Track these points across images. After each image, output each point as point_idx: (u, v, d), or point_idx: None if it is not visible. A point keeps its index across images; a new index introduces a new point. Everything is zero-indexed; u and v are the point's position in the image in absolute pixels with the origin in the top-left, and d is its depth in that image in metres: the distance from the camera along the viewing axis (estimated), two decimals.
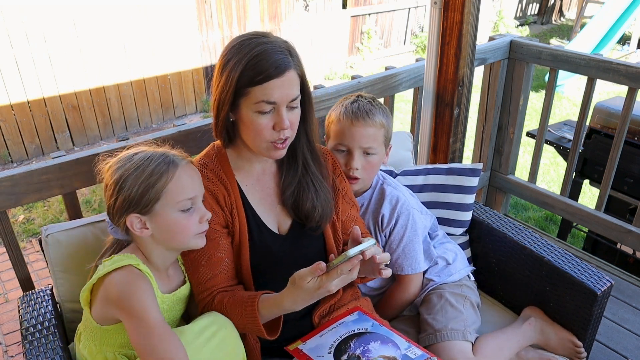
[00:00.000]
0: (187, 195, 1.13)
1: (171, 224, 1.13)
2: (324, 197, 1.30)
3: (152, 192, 1.10)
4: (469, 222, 1.79)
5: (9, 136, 4.80)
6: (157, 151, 1.15)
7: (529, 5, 9.77)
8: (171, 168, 1.12)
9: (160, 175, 1.10)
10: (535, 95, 6.32)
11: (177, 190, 1.12)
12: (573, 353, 1.51)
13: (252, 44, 1.14)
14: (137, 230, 1.12)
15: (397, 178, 1.76)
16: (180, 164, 1.14)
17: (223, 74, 1.16)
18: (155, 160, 1.12)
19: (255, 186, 1.31)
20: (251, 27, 6.27)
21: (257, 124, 1.16)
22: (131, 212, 1.11)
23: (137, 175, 1.10)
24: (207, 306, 1.24)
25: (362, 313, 1.32)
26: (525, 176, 2.77)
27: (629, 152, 2.59)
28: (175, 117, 5.92)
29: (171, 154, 1.15)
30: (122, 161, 1.13)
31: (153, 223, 1.13)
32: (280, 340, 1.31)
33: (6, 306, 2.99)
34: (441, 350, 1.41)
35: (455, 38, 1.93)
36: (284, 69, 1.13)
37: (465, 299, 1.55)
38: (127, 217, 1.11)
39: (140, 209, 1.11)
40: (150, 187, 1.10)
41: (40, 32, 4.69)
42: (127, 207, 1.11)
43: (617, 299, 2.17)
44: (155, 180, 1.10)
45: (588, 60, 2.30)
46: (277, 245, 1.29)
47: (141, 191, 1.09)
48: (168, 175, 1.11)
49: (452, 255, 1.64)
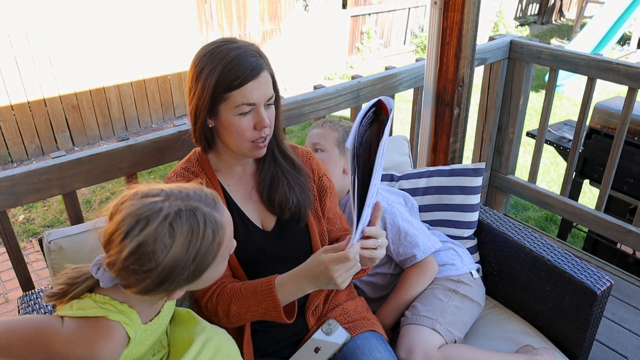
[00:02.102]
0: (232, 247, 0.99)
1: (212, 279, 0.99)
2: (298, 188, 1.33)
3: (205, 267, 0.92)
4: (475, 223, 1.77)
5: (9, 136, 4.80)
6: (191, 207, 0.89)
7: (529, 5, 9.77)
8: (218, 231, 0.92)
9: (212, 249, 0.91)
10: (535, 95, 6.32)
11: (226, 249, 0.96)
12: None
13: (223, 51, 1.17)
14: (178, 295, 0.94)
15: (398, 182, 1.77)
16: (223, 217, 0.94)
17: (198, 82, 1.18)
18: (203, 229, 0.89)
19: (237, 185, 1.33)
20: (251, 27, 6.27)
21: (238, 126, 1.20)
22: (174, 290, 0.91)
23: (188, 255, 0.88)
24: (217, 297, 1.21)
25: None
26: (525, 176, 2.77)
27: (629, 152, 2.59)
28: (175, 117, 5.92)
29: (207, 203, 0.92)
30: (162, 235, 0.86)
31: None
32: (275, 342, 1.32)
33: (6, 306, 2.99)
34: (406, 333, 1.43)
35: (455, 38, 1.94)
36: (259, 71, 1.17)
37: (455, 293, 1.54)
38: (173, 293, 0.92)
39: (189, 284, 0.92)
40: (203, 266, 0.91)
41: (40, 32, 4.69)
42: (167, 288, 0.90)
43: (617, 299, 2.17)
44: (208, 257, 0.91)
45: (588, 60, 2.30)
46: (262, 240, 1.31)
47: (193, 272, 0.90)
48: (217, 241, 0.92)
49: (452, 255, 1.65)
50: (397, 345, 1.42)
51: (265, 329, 1.32)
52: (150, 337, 1.03)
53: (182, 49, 5.62)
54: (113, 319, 0.88)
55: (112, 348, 0.88)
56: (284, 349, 1.32)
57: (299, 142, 4.61)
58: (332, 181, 1.47)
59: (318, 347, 1.27)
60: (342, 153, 1.64)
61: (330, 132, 1.65)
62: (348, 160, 1.01)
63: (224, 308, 1.20)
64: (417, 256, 1.53)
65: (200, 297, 1.25)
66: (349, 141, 0.92)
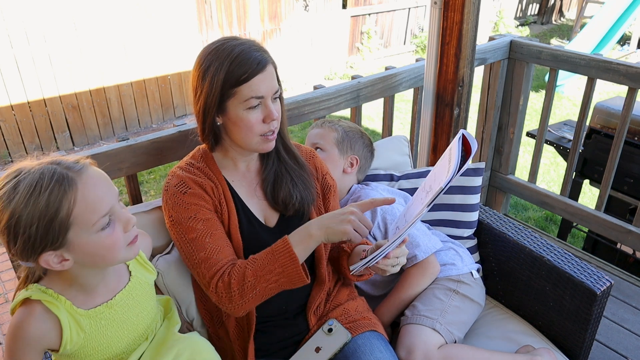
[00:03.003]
0: (101, 212, 0.94)
1: (95, 248, 0.96)
2: (301, 185, 1.34)
3: (57, 225, 0.91)
4: (475, 222, 1.77)
5: (9, 136, 4.80)
6: (44, 167, 0.92)
7: (529, 5, 9.77)
8: (69, 188, 0.91)
9: (59, 202, 0.90)
10: (535, 95, 6.32)
11: (87, 211, 0.93)
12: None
13: (228, 47, 1.18)
14: (57, 265, 0.95)
15: (398, 182, 1.77)
16: (80, 178, 0.93)
17: (205, 80, 1.19)
18: (47, 184, 0.89)
19: (241, 182, 1.34)
20: (251, 27, 6.27)
21: (247, 120, 1.21)
22: (41, 252, 0.92)
23: (31, 211, 0.89)
24: (229, 274, 1.19)
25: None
26: (525, 176, 2.77)
27: (629, 152, 2.60)
28: (175, 117, 5.92)
29: (63, 166, 0.93)
30: (6, 195, 0.90)
31: (72, 253, 0.95)
32: (276, 341, 1.32)
33: (6, 306, 2.99)
34: (406, 333, 1.43)
35: (455, 38, 1.94)
36: (264, 64, 1.19)
37: (455, 293, 1.55)
38: (39, 257, 0.93)
39: (50, 246, 0.92)
40: (52, 221, 0.90)
41: (40, 32, 4.69)
42: (32, 249, 0.92)
43: (617, 299, 2.18)
44: (56, 211, 0.90)
45: (588, 60, 2.30)
46: (265, 235, 1.31)
47: (43, 228, 0.90)
48: (69, 199, 0.90)
49: (452, 255, 1.65)
50: (397, 345, 1.42)
51: (266, 329, 1.32)
52: (113, 327, 1.08)
53: (182, 49, 5.62)
54: (34, 298, 1.00)
55: (37, 325, 0.99)
56: (285, 349, 1.32)
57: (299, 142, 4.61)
58: (334, 180, 1.47)
59: (319, 347, 1.27)
60: (342, 153, 1.65)
61: (329, 132, 1.65)
62: (432, 194, 1.07)
63: (238, 279, 1.16)
64: (418, 256, 1.53)
65: (208, 280, 1.20)
66: (445, 181, 1.01)
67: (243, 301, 1.18)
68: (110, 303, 1.09)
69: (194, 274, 1.27)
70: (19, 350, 1.00)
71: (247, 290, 1.16)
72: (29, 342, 1.00)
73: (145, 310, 1.16)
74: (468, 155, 1.08)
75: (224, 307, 1.20)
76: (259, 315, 1.30)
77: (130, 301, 1.12)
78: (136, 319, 1.14)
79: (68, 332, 1.02)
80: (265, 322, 1.31)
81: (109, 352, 1.09)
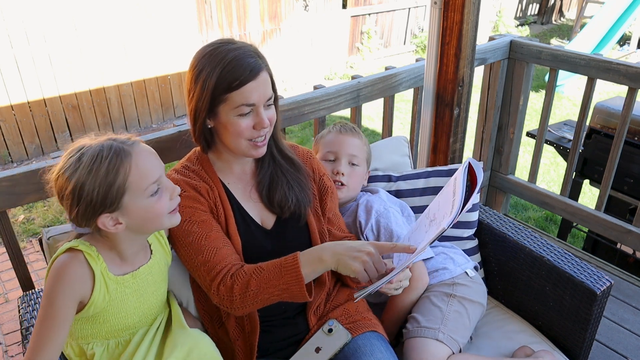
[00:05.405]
0: (152, 179, 1.08)
1: (145, 212, 1.09)
2: (297, 187, 1.34)
3: (115, 190, 1.05)
4: (475, 222, 1.76)
5: (9, 136, 4.80)
6: (103, 142, 1.08)
7: (529, 5, 9.77)
8: (125, 158, 1.06)
9: (117, 170, 1.05)
10: (535, 95, 6.32)
11: (140, 178, 1.07)
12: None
13: (222, 52, 1.18)
14: (112, 228, 1.08)
15: (396, 182, 1.77)
16: (133, 150, 1.08)
17: (197, 83, 1.19)
18: (107, 156, 1.05)
19: (237, 184, 1.34)
20: (251, 27, 6.27)
21: (237, 126, 1.21)
22: (99, 214, 1.06)
23: (93, 178, 1.03)
24: (232, 277, 1.19)
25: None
26: (525, 176, 2.77)
27: (629, 152, 2.59)
28: (175, 117, 5.92)
29: (119, 142, 1.09)
30: (71, 166, 1.05)
31: (125, 216, 1.08)
32: (276, 341, 1.32)
33: (6, 306, 2.99)
34: (412, 348, 1.41)
35: (455, 38, 1.94)
36: (257, 71, 1.18)
37: (452, 297, 1.51)
38: (98, 219, 1.07)
39: (108, 209, 1.06)
40: (111, 186, 1.04)
41: (40, 32, 4.69)
42: (92, 212, 1.06)
43: (617, 299, 2.18)
44: (114, 177, 1.04)
45: (588, 60, 2.30)
46: (262, 237, 1.31)
47: (103, 193, 1.04)
48: (125, 167, 1.05)
49: (442, 259, 1.62)
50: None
51: (266, 329, 1.32)
52: (133, 297, 1.16)
53: (182, 49, 5.62)
54: (77, 249, 1.10)
55: (79, 270, 1.08)
56: (285, 349, 1.32)
57: (299, 142, 4.61)
58: (332, 181, 1.47)
59: (319, 347, 1.27)
60: (367, 168, 1.69)
61: (364, 147, 1.66)
62: (434, 230, 1.07)
63: (241, 286, 1.17)
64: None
65: (210, 282, 1.21)
66: (447, 221, 1.02)
67: (244, 305, 1.19)
68: (135, 274, 1.18)
69: (194, 277, 1.27)
70: (60, 294, 1.06)
71: (249, 297, 1.18)
72: (69, 284, 1.07)
73: (159, 289, 1.24)
74: (474, 186, 1.07)
75: (224, 307, 1.22)
76: (259, 316, 1.30)
77: (149, 277, 1.21)
78: (152, 296, 1.22)
79: (98, 289, 1.10)
80: (265, 322, 1.32)
81: (123, 321, 1.16)
